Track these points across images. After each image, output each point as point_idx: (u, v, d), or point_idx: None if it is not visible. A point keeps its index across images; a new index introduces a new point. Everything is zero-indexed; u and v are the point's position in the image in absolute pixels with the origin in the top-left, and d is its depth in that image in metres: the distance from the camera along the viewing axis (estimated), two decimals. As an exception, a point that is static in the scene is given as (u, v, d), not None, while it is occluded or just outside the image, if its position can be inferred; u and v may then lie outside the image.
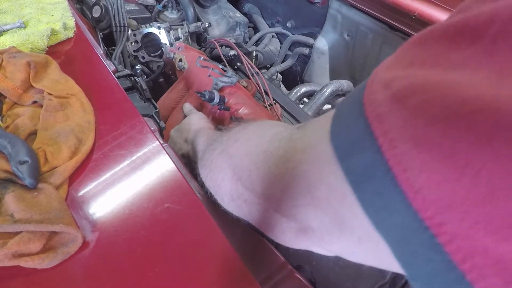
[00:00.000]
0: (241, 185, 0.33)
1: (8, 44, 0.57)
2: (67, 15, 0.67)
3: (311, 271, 0.47)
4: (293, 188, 0.26)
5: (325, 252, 0.30)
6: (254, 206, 0.32)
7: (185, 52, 0.84)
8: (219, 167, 0.36)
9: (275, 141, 0.31)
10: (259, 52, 1.22)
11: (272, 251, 0.45)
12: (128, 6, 1.06)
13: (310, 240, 0.28)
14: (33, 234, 0.33)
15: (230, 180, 0.34)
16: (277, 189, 0.28)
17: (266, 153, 0.31)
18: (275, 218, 0.30)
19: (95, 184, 0.40)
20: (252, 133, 0.36)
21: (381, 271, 0.49)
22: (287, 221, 0.29)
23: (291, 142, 0.29)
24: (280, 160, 0.28)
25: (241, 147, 0.34)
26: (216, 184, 0.37)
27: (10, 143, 0.39)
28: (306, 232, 0.28)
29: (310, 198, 0.25)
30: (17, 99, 0.48)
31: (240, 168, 0.33)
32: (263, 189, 0.30)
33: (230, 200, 0.35)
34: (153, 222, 0.37)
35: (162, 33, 0.97)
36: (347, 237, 0.23)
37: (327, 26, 1.15)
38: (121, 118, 0.48)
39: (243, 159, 0.33)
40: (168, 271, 0.34)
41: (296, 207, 0.27)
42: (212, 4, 1.30)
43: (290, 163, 0.27)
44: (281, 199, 0.28)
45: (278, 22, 1.36)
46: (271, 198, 0.30)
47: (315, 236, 0.27)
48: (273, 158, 0.29)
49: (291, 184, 0.27)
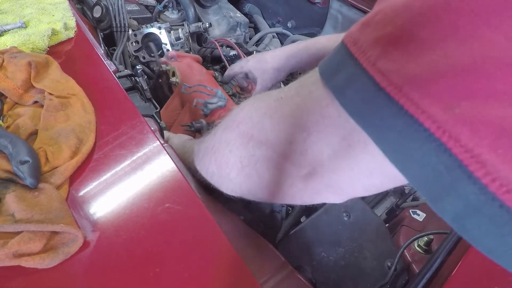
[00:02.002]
0: (252, 144, 0.34)
1: (9, 44, 0.57)
2: (68, 15, 0.67)
3: (311, 271, 0.47)
4: (304, 118, 0.29)
5: (335, 196, 0.32)
6: (265, 164, 0.33)
7: (178, 62, 0.82)
8: (225, 141, 0.37)
9: (282, 91, 0.33)
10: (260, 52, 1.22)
11: (272, 251, 0.45)
12: (129, 6, 1.06)
13: (320, 181, 0.30)
14: (33, 234, 0.33)
15: (239, 146, 0.35)
16: (289, 127, 0.30)
17: (277, 100, 0.32)
18: (284, 170, 0.32)
19: (96, 184, 0.40)
20: (259, 95, 0.37)
21: (381, 271, 0.49)
22: (297, 170, 0.31)
23: (297, 82, 0.31)
24: (293, 100, 0.30)
25: (250, 108, 0.36)
26: (224, 161, 0.37)
27: (11, 143, 0.39)
28: (316, 174, 0.30)
29: (321, 121, 0.27)
30: (18, 99, 0.48)
31: (250, 126, 0.34)
32: (275, 134, 0.32)
33: (240, 170, 0.36)
34: (154, 222, 0.37)
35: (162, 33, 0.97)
36: (353, 152, 0.26)
37: (327, 26, 1.15)
38: (122, 118, 0.48)
39: (253, 116, 0.34)
40: (169, 271, 0.34)
41: (308, 138, 0.28)
42: (212, 4, 1.30)
43: (299, 98, 0.30)
44: (293, 135, 0.30)
45: (278, 22, 1.36)
46: (283, 142, 0.31)
47: (325, 173, 0.29)
48: (284, 100, 0.31)
49: (303, 115, 0.29)
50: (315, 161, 0.29)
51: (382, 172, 0.26)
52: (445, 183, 0.18)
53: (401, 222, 0.60)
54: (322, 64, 0.27)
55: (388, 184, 0.28)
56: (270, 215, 0.57)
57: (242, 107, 0.37)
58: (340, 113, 0.25)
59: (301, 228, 0.52)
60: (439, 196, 0.19)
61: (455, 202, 0.18)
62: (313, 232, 0.52)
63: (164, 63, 0.84)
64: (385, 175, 0.26)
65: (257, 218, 0.56)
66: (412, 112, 0.19)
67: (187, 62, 0.82)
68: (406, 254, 0.52)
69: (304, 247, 0.50)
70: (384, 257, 0.50)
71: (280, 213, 0.57)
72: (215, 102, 0.67)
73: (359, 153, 0.26)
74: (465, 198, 0.18)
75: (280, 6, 1.32)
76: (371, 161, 0.26)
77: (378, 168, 0.26)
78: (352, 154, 0.26)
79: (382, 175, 0.26)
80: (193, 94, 0.72)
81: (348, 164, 0.27)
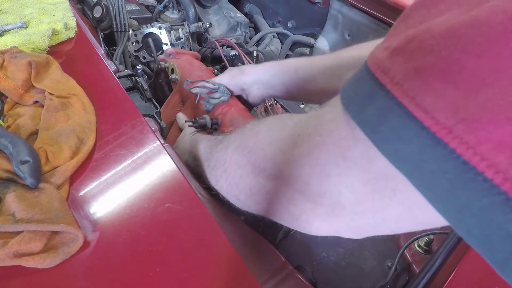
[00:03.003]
0: (263, 177, 0.32)
1: (9, 44, 0.57)
2: (68, 15, 0.67)
3: (311, 271, 0.47)
4: (324, 159, 0.26)
5: (354, 235, 0.30)
6: (277, 197, 0.31)
7: (176, 59, 0.80)
8: (236, 163, 0.36)
9: (299, 124, 0.30)
10: (260, 52, 1.22)
11: (273, 251, 0.45)
12: (129, 6, 1.06)
13: (340, 222, 0.28)
14: (34, 233, 0.33)
15: (250, 174, 0.34)
16: (307, 167, 0.28)
17: (293, 136, 0.30)
18: (299, 206, 0.30)
19: (96, 184, 0.40)
20: (273, 124, 0.35)
21: (381, 271, 0.49)
22: (313, 207, 0.29)
23: (316, 118, 0.29)
24: (310, 138, 0.28)
25: (263, 139, 0.34)
26: (233, 182, 0.36)
27: (12, 143, 0.39)
28: (335, 215, 0.28)
29: (343, 163, 0.25)
30: (18, 99, 0.48)
31: (263, 159, 0.32)
32: (290, 172, 0.30)
33: (249, 196, 0.35)
34: (154, 222, 0.37)
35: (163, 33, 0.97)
36: (379, 199, 0.23)
37: (328, 26, 1.15)
38: (122, 118, 0.48)
39: (266, 149, 0.32)
40: (169, 271, 0.34)
41: (327, 181, 0.26)
42: (213, 4, 1.30)
43: (318, 136, 0.27)
44: (311, 176, 0.28)
45: (279, 22, 1.36)
46: (299, 181, 0.29)
47: (346, 215, 0.27)
48: (302, 138, 0.29)
49: (322, 155, 0.26)
50: (335, 203, 0.27)
51: (412, 219, 0.23)
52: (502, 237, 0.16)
53: (402, 222, 0.59)
54: (344, 93, 0.24)
55: (418, 228, 0.25)
56: (270, 215, 0.57)
57: (257, 132, 0.35)
58: (364, 155, 0.23)
59: (301, 228, 0.52)
60: (508, 260, 0.16)
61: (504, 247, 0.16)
62: (314, 232, 0.52)
63: (163, 61, 0.82)
64: (415, 223, 0.24)
65: (257, 218, 0.56)
66: (468, 158, 0.16)
67: (187, 59, 0.80)
68: (407, 254, 0.52)
69: (304, 247, 0.50)
70: (384, 257, 0.50)
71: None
72: (218, 97, 0.65)
73: (386, 200, 0.23)
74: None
75: (281, 6, 1.32)
76: (399, 208, 0.23)
77: (407, 216, 0.23)
78: (377, 199, 0.24)
79: (411, 222, 0.24)
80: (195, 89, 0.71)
81: (372, 210, 0.25)
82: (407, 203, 0.22)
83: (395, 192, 0.22)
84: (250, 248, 0.44)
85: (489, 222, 0.16)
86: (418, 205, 0.20)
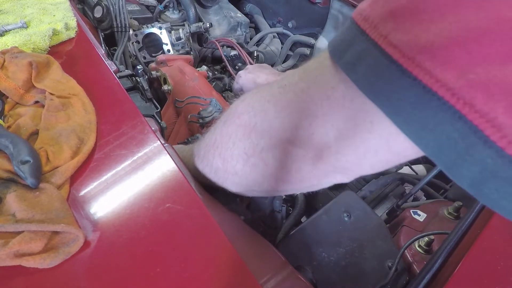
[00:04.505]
0: (255, 134, 0.33)
1: (10, 44, 0.57)
2: (68, 16, 0.67)
3: (312, 272, 0.47)
4: (310, 102, 0.29)
5: (342, 176, 0.32)
6: (270, 151, 0.33)
7: (168, 67, 0.77)
8: (226, 134, 0.37)
9: (285, 78, 0.32)
10: (260, 52, 1.22)
11: (273, 251, 0.45)
12: (130, 6, 1.06)
13: (328, 162, 0.31)
14: (34, 233, 0.33)
15: (242, 137, 0.35)
16: (295, 113, 0.30)
17: (281, 87, 0.32)
18: (291, 155, 0.32)
19: (97, 184, 0.40)
20: (260, 87, 0.36)
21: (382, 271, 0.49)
22: (304, 153, 0.31)
23: (301, 69, 0.31)
24: (297, 86, 0.30)
25: (250, 100, 0.35)
26: (228, 155, 0.37)
27: (12, 143, 0.39)
28: (323, 156, 0.30)
29: (327, 103, 0.27)
30: (19, 99, 0.48)
31: (253, 115, 0.33)
32: (280, 121, 0.31)
33: (245, 161, 0.35)
34: (154, 222, 0.37)
35: (163, 33, 0.97)
36: (359, 132, 0.26)
37: (328, 26, 1.15)
38: (123, 118, 0.48)
39: (255, 106, 0.34)
40: (169, 271, 0.34)
41: (314, 122, 0.29)
42: (213, 4, 1.30)
43: (304, 83, 0.30)
44: (300, 120, 0.30)
45: (279, 22, 1.36)
46: (289, 128, 0.31)
47: (332, 154, 0.30)
48: (289, 87, 0.31)
49: (308, 99, 0.29)
50: (321, 143, 0.29)
51: (388, 149, 0.26)
52: (460, 150, 0.19)
53: (402, 222, 0.59)
54: (331, 43, 0.27)
55: (394, 160, 0.28)
56: (270, 215, 0.57)
57: (243, 99, 0.37)
58: (345, 94, 0.26)
59: (301, 228, 0.52)
60: (455, 164, 0.19)
61: (472, 167, 0.19)
62: (314, 232, 0.52)
63: (154, 69, 0.81)
64: (391, 152, 0.27)
65: (257, 218, 0.56)
66: (426, 81, 0.19)
67: (178, 66, 0.79)
68: (407, 254, 0.52)
69: (304, 247, 0.50)
70: (384, 257, 0.50)
71: (281, 213, 0.57)
72: (210, 112, 0.65)
73: (365, 133, 0.26)
74: (481, 163, 0.18)
75: (281, 6, 1.32)
76: (377, 140, 0.26)
77: (384, 146, 0.26)
78: (358, 134, 0.27)
79: (388, 153, 0.27)
80: (186, 106, 0.70)
81: (354, 144, 0.27)
82: (383, 134, 0.25)
83: (372, 124, 0.25)
84: (250, 248, 0.45)
85: (441, 133, 0.19)
86: (392, 135, 0.23)
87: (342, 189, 0.74)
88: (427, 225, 0.57)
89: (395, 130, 0.22)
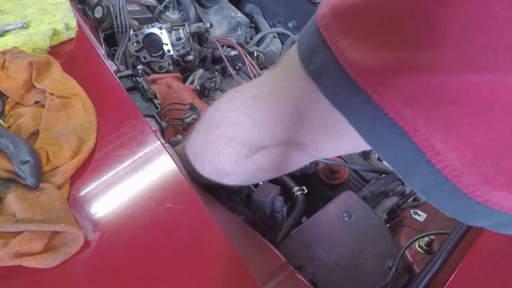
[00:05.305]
0: (235, 143, 0.36)
1: (10, 44, 0.57)
2: (69, 16, 0.67)
3: (312, 272, 0.47)
4: (282, 114, 0.31)
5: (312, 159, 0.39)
6: (254, 156, 0.36)
7: (158, 85, 0.83)
8: (209, 143, 0.39)
9: (256, 87, 0.34)
10: (261, 53, 1.22)
11: (273, 251, 0.45)
12: (130, 6, 1.06)
13: (308, 153, 0.35)
14: (35, 233, 0.33)
15: (225, 146, 0.37)
16: (270, 124, 0.33)
17: (252, 97, 0.34)
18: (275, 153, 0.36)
19: (97, 184, 0.40)
20: (231, 93, 0.38)
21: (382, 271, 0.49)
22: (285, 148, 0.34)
23: (271, 77, 0.33)
24: (269, 98, 0.32)
25: (225, 109, 0.37)
26: (215, 161, 0.39)
27: (12, 143, 0.39)
28: (302, 149, 0.34)
29: (297, 115, 0.30)
30: (19, 99, 0.48)
31: (229, 125, 0.35)
32: (256, 132, 0.34)
33: (234, 164, 0.38)
34: (154, 222, 0.37)
35: (163, 33, 0.97)
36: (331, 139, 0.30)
37: (328, 26, 1.15)
38: (123, 118, 0.48)
39: (231, 116, 0.36)
40: (169, 271, 0.34)
41: (289, 131, 0.32)
42: (213, 5, 1.30)
43: (275, 95, 0.32)
44: (275, 130, 0.33)
45: (279, 23, 1.36)
46: (265, 137, 0.34)
47: (310, 150, 0.33)
48: (261, 99, 0.33)
49: (280, 111, 0.31)
50: (299, 143, 0.33)
51: (359, 147, 0.30)
52: (411, 163, 0.21)
53: (402, 223, 0.59)
54: (299, 43, 0.29)
55: (360, 149, 0.34)
56: (270, 215, 0.57)
57: (218, 108, 0.38)
58: (312, 108, 0.28)
59: (301, 228, 0.52)
60: (408, 173, 0.22)
61: (420, 179, 0.21)
62: (314, 232, 0.52)
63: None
64: (362, 147, 0.31)
65: (257, 218, 0.56)
66: (378, 102, 0.21)
67: (166, 83, 0.84)
68: (407, 254, 0.51)
69: (304, 247, 0.50)
70: (385, 258, 0.50)
71: (281, 213, 0.57)
72: (189, 116, 0.71)
73: (336, 140, 0.30)
74: (426, 178, 0.21)
75: (281, 6, 1.32)
76: (348, 143, 0.30)
77: (355, 147, 0.31)
78: (330, 139, 0.30)
79: (359, 148, 0.32)
80: (167, 113, 0.75)
81: (328, 145, 0.31)
82: (353, 140, 0.27)
83: (340, 135, 0.28)
84: (250, 248, 0.45)
85: (396, 148, 0.21)
86: (361, 140, 0.24)
87: (343, 189, 0.74)
88: (427, 225, 0.57)
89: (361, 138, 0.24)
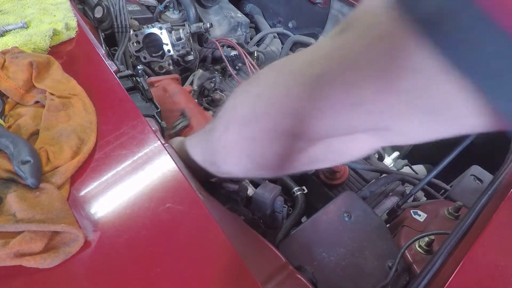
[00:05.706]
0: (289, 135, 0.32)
1: (10, 44, 0.57)
2: (69, 16, 0.67)
3: (312, 272, 0.47)
4: (365, 93, 0.26)
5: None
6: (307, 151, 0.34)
7: (155, 88, 0.83)
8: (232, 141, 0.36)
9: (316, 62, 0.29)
10: (261, 53, 1.22)
11: (273, 251, 0.45)
12: (130, 6, 1.06)
13: (384, 138, 0.32)
14: (35, 233, 0.33)
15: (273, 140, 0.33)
16: (347, 110, 0.28)
17: (318, 75, 0.28)
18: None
19: (97, 184, 0.40)
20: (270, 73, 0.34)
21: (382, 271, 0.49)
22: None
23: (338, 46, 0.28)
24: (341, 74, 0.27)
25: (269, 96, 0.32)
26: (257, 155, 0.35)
27: (13, 143, 0.39)
28: (382, 133, 0.30)
29: (385, 93, 0.25)
30: (19, 99, 0.48)
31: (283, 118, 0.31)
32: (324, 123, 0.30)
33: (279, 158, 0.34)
34: (154, 222, 0.37)
35: (163, 33, 0.97)
36: (426, 108, 0.24)
37: (328, 26, 1.15)
38: (123, 118, 0.48)
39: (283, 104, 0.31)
40: (170, 271, 0.34)
41: (376, 114, 0.27)
42: (213, 5, 1.30)
43: (352, 68, 0.26)
44: (353, 117, 0.28)
45: (279, 23, 1.36)
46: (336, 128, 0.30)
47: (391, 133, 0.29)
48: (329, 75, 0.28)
49: (364, 90, 0.26)
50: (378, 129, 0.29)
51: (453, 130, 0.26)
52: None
53: (402, 223, 0.59)
54: None
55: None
56: (271, 215, 0.57)
57: (257, 93, 0.33)
58: (415, 79, 0.24)
59: (301, 228, 0.52)
60: None
61: None
62: (314, 233, 0.52)
63: None
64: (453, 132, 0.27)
65: (257, 218, 0.56)
66: None
67: (162, 86, 0.84)
68: (407, 254, 0.51)
69: (304, 248, 0.50)
70: (385, 258, 0.50)
71: (281, 213, 0.57)
72: (179, 123, 0.73)
73: (433, 120, 0.26)
74: None
75: (281, 6, 1.32)
76: (441, 125, 0.26)
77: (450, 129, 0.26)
78: (427, 120, 0.26)
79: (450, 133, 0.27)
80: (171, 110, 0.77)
81: (417, 129, 0.27)
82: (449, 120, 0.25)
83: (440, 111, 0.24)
84: (250, 248, 0.44)
85: None
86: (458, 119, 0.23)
87: (343, 189, 0.74)
88: (428, 225, 0.57)
89: None
